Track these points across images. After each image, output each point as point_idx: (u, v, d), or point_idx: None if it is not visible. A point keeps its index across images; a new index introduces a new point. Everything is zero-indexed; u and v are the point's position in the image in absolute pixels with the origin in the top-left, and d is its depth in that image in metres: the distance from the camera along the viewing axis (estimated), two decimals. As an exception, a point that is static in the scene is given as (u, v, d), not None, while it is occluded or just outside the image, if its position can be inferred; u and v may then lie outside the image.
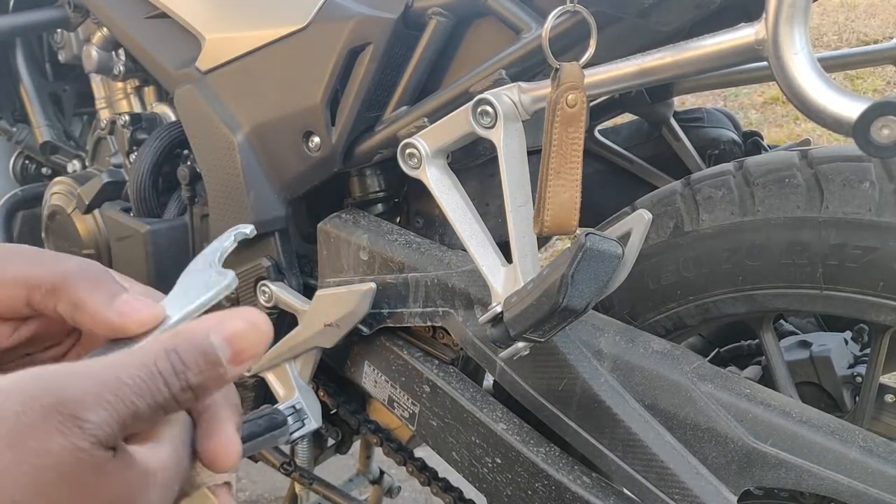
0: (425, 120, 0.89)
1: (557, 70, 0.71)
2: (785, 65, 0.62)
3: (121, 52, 1.33)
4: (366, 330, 0.98)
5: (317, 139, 0.99)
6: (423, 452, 1.09)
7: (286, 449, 1.21)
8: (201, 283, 0.41)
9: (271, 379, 1.06)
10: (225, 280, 0.41)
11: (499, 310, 0.76)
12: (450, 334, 0.93)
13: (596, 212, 1.00)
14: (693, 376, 0.77)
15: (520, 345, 0.77)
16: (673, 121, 1.20)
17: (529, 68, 0.84)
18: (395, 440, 1.08)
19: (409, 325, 0.95)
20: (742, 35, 0.65)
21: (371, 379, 1.03)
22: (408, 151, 0.85)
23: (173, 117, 1.30)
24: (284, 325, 1.07)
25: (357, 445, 1.45)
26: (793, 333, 1.04)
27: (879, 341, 0.80)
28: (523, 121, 0.78)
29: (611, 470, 0.80)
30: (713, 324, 0.89)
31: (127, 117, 1.29)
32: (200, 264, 0.42)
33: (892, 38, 1.50)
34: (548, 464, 0.85)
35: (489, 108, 0.77)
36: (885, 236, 0.71)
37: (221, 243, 0.44)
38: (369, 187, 1.07)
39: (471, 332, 0.89)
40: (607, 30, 0.77)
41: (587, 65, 0.73)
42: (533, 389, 0.85)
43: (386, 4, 0.93)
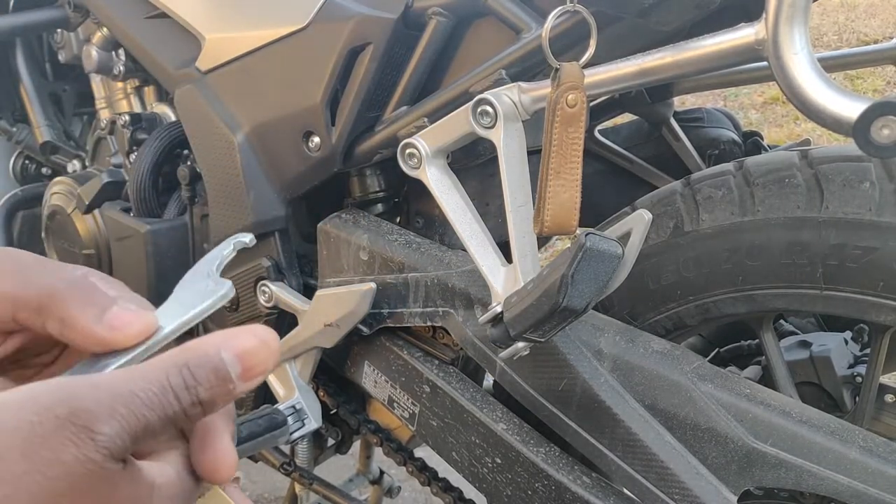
0: (425, 120, 0.89)
1: (557, 70, 0.71)
2: (785, 65, 0.62)
3: (121, 52, 1.33)
4: (366, 330, 0.98)
5: (317, 139, 0.99)
6: (423, 452, 1.09)
7: (286, 449, 1.21)
8: (198, 292, 0.41)
9: (271, 379, 1.06)
10: (221, 290, 0.41)
11: (499, 310, 0.76)
12: (450, 334, 0.93)
13: (596, 212, 1.00)
14: (693, 376, 0.78)
15: (520, 345, 0.77)
16: (673, 121, 1.20)
17: (529, 68, 0.84)
18: (395, 440, 1.08)
19: (409, 325, 0.95)
20: (742, 35, 0.65)
21: (371, 379, 1.03)
22: (408, 151, 0.85)
23: (173, 117, 1.30)
24: (284, 325, 1.07)
25: (357, 445, 1.45)
26: (793, 333, 1.04)
27: (879, 341, 0.80)
28: (523, 121, 0.78)
29: (611, 470, 0.80)
30: (713, 324, 0.89)
31: (127, 117, 1.29)
32: (199, 273, 0.42)
33: (892, 38, 1.50)
34: (548, 464, 0.85)
35: (489, 108, 0.77)
36: (885, 236, 0.71)
37: (220, 252, 0.44)
38: (369, 187, 1.07)
39: (471, 332, 0.89)
40: (607, 30, 0.77)
41: (587, 65, 0.73)
42: (533, 389, 0.85)
43: (386, 4, 0.93)
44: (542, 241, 1.30)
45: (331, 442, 1.24)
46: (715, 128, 1.22)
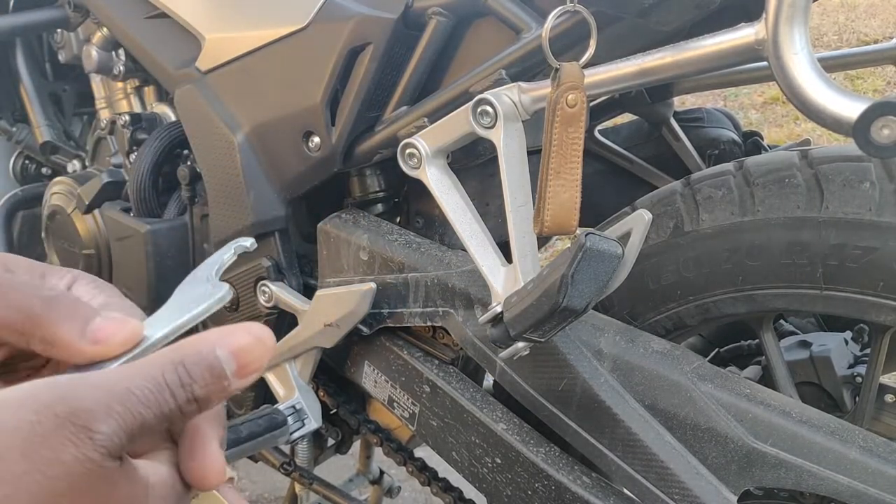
0: (425, 120, 0.89)
1: (557, 70, 0.71)
2: (785, 65, 0.62)
3: (121, 52, 1.33)
4: (366, 330, 0.98)
5: (317, 139, 0.99)
6: (423, 452, 1.09)
7: (286, 449, 1.21)
8: (195, 296, 0.41)
9: (271, 379, 1.06)
10: (218, 293, 0.41)
11: (499, 310, 0.76)
12: (450, 334, 0.93)
13: (596, 212, 1.00)
14: (693, 376, 0.77)
15: (520, 345, 0.77)
16: (673, 121, 1.20)
17: (529, 68, 0.84)
18: (395, 440, 1.08)
19: (409, 325, 0.95)
20: (742, 35, 0.65)
21: (371, 379, 1.03)
22: (408, 151, 0.85)
23: (173, 117, 1.30)
24: (284, 325, 1.07)
25: (357, 445, 1.45)
26: (793, 333, 1.04)
27: (879, 341, 0.80)
28: (523, 121, 0.78)
29: (611, 470, 0.80)
30: (713, 324, 0.89)
31: (127, 117, 1.29)
32: (198, 277, 0.42)
33: (892, 38, 1.50)
34: (548, 464, 0.85)
35: (489, 108, 0.77)
36: (885, 236, 0.71)
37: (221, 256, 0.44)
38: (369, 187, 1.07)
39: (471, 332, 0.89)
40: (607, 30, 0.77)
41: (587, 65, 0.73)
42: (533, 389, 0.85)
43: (386, 4, 0.93)
44: (542, 241, 1.30)
45: (331, 442, 1.24)
46: (715, 128, 1.22)
